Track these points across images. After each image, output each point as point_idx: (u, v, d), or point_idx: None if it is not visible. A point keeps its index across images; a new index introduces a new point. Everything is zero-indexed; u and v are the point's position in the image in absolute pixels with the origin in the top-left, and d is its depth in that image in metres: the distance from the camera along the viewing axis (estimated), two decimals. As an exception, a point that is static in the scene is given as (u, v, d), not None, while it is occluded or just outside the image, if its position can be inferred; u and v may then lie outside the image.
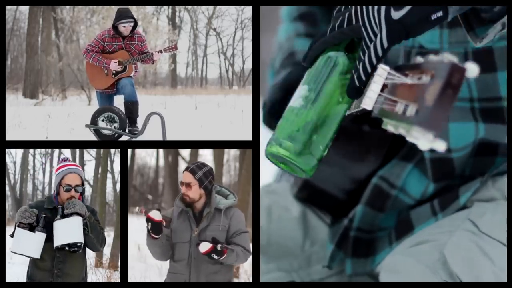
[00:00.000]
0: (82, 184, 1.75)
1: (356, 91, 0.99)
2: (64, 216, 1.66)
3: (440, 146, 0.76)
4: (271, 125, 1.39)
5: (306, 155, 1.00)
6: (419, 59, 0.87)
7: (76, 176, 1.73)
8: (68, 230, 1.66)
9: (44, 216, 1.68)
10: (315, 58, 1.06)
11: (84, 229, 1.67)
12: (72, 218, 1.66)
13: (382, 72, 0.94)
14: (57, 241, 1.66)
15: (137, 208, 1.76)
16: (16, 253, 1.67)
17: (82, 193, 1.75)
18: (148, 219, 1.72)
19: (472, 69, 0.78)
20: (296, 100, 1.04)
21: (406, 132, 0.81)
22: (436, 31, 1.23)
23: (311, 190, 1.43)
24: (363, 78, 0.97)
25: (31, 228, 1.66)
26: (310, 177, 1.04)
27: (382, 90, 0.94)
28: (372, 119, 1.30)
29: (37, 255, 1.67)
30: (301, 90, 1.04)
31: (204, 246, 1.73)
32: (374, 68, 0.96)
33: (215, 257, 1.72)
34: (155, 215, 1.72)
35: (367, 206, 1.33)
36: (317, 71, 1.04)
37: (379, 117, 0.91)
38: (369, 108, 0.94)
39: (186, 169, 1.79)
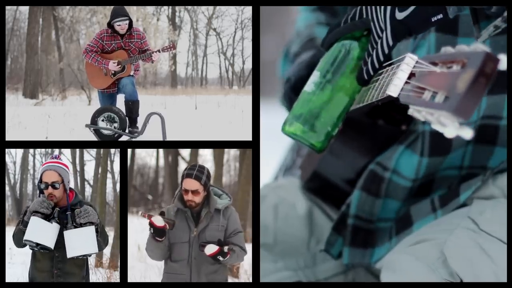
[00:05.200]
0: (62, 181, 1.72)
1: (364, 81, 1.09)
2: (76, 225, 1.65)
3: (467, 133, 0.77)
4: (292, 100, 1.42)
5: (314, 133, 1.13)
6: (450, 49, 0.88)
7: (52, 173, 1.71)
8: (83, 241, 1.65)
9: (58, 209, 1.67)
10: (331, 44, 1.16)
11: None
12: (87, 228, 1.65)
13: (410, 61, 0.97)
14: (72, 252, 1.64)
15: (140, 212, 1.75)
16: (32, 241, 1.64)
17: (69, 189, 1.73)
18: (151, 225, 1.72)
19: (505, 61, 0.78)
20: (309, 85, 1.16)
21: (433, 118, 0.82)
22: None
23: (319, 181, 1.44)
24: (371, 72, 1.07)
25: (46, 219, 1.65)
26: (321, 152, 1.15)
27: (409, 79, 0.96)
28: (387, 115, 1.31)
29: (52, 245, 1.64)
30: (314, 76, 1.16)
31: (211, 249, 1.72)
32: (381, 64, 1.06)
33: (221, 258, 1.72)
34: (157, 221, 1.71)
35: (363, 191, 1.34)
36: (331, 58, 1.15)
37: (406, 104, 0.93)
38: (395, 95, 0.98)
39: (189, 176, 1.75)
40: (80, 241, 1.65)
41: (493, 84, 1.22)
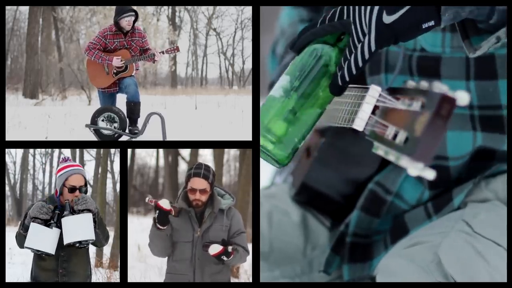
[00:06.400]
0: (85, 185, 1.74)
1: (338, 89, 0.98)
2: (73, 212, 1.66)
3: (429, 174, 0.77)
4: None
5: (279, 145, 1.00)
6: (411, 84, 0.87)
7: (80, 177, 1.72)
8: (80, 227, 1.63)
9: (58, 212, 1.67)
10: (303, 47, 1.05)
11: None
12: (84, 214, 1.63)
13: (374, 93, 0.95)
14: (69, 238, 1.62)
15: (147, 198, 1.74)
16: (32, 249, 1.63)
17: (85, 193, 1.74)
18: (157, 207, 1.70)
19: (462, 98, 0.78)
20: (277, 89, 1.03)
21: (396, 159, 0.81)
22: (439, 34, 1.21)
23: (308, 192, 1.42)
24: (347, 78, 0.97)
25: (46, 224, 1.64)
26: (284, 166, 1.03)
27: (373, 112, 0.94)
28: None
29: (52, 251, 1.63)
30: (283, 80, 1.03)
31: (215, 248, 1.71)
32: (358, 70, 0.96)
33: (225, 258, 1.71)
34: (164, 203, 1.70)
35: (362, 212, 1.33)
36: (301, 62, 1.03)
37: (371, 140, 0.91)
38: (360, 129, 0.95)
39: (197, 175, 1.73)
40: (77, 227, 1.63)
41: (492, 125, 1.22)
